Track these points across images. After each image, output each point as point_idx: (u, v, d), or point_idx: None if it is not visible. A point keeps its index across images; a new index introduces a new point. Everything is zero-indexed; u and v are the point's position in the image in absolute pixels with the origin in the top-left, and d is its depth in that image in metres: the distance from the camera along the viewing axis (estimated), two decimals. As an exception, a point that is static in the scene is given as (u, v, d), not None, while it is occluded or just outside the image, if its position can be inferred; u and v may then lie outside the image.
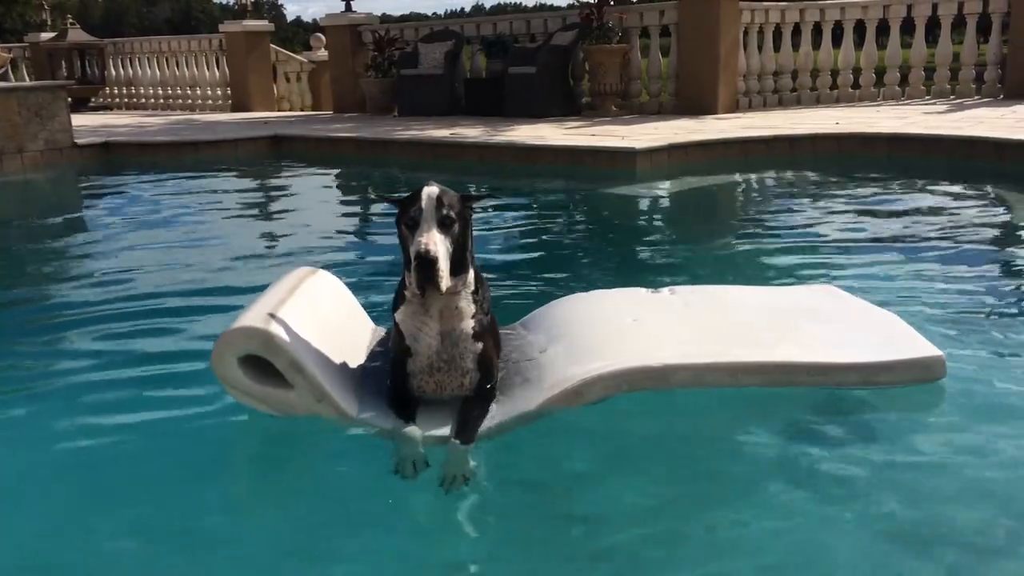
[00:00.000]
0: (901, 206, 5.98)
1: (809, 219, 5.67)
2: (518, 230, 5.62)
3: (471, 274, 2.45)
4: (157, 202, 7.21)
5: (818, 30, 11.03)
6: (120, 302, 4.08)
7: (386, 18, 16.80)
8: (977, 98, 10.50)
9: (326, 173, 9.06)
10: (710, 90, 10.15)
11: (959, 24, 10.75)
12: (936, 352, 2.60)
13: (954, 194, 6.32)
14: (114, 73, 16.75)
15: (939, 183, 6.64)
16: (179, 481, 2.36)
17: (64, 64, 16.02)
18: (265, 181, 8.83)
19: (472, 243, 2.46)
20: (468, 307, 2.44)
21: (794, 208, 6.21)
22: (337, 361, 2.56)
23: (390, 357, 2.58)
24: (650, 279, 4.31)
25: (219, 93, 15.34)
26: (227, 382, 2.42)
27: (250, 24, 14.49)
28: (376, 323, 3.06)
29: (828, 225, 5.41)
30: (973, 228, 5.19)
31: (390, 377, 2.54)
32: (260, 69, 14.72)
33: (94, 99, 16.69)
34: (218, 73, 15.32)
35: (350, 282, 3.17)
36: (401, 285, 2.49)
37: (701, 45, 10.10)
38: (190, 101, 15.72)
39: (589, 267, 4.80)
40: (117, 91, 16.89)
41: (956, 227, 5.18)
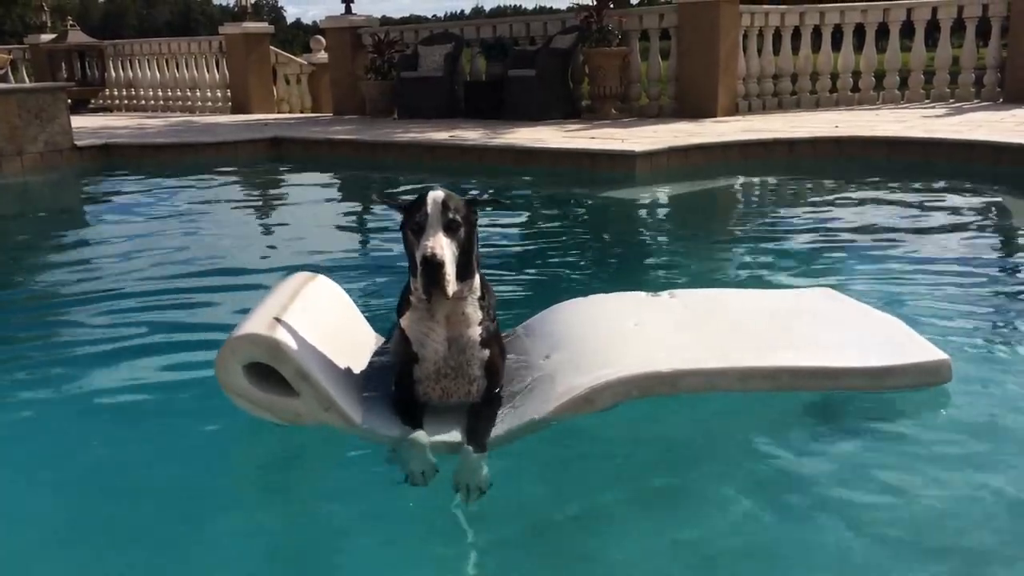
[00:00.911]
0: (900, 210, 5.98)
1: (808, 222, 5.67)
2: (517, 233, 5.62)
3: (477, 280, 2.43)
4: (157, 204, 7.21)
5: (817, 33, 11.04)
6: (119, 305, 4.08)
7: (386, 20, 16.82)
8: (976, 102, 10.51)
9: (325, 175, 9.06)
10: (709, 93, 10.16)
11: (958, 28, 10.76)
12: (942, 356, 2.61)
13: (953, 198, 6.32)
14: (114, 75, 16.74)
15: (938, 187, 6.65)
16: (179, 488, 2.34)
17: (64, 66, 16.02)
18: (265, 183, 8.82)
19: (477, 248, 2.44)
20: (475, 313, 2.42)
21: (793, 211, 6.21)
22: (341, 368, 2.53)
23: (394, 364, 2.54)
24: (649, 282, 4.32)
25: (219, 95, 15.34)
26: (231, 390, 2.38)
27: (250, 26, 14.49)
28: (375, 329, 3.04)
29: (827, 228, 5.41)
30: (973, 232, 5.20)
31: (395, 384, 2.50)
32: (260, 71, 14.72)
33: (94, 101, 16.69)
34: (218, 75, 15.32)
35: (349, 286, 3.17)
36: (406, 291, 2.47)
37: (701, 48, 10.11)
38: (190, 103, 15.72)
39: (588, 270, 4.80)
40: (117, 93, 16.88)
41: (956, 231, 5.19)
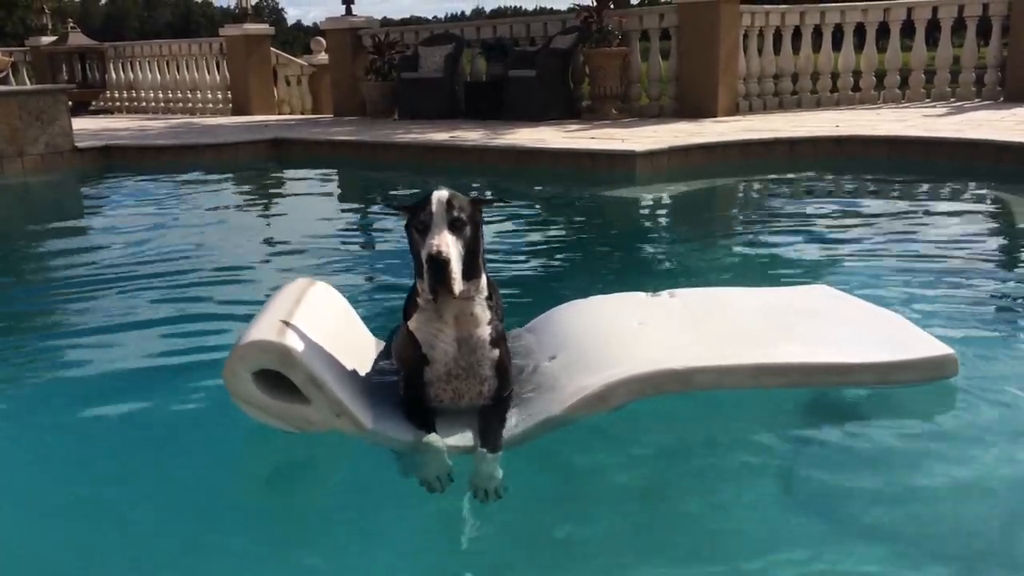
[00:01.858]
0: (901, 208, 5.98)
1: (809, 221, 5.67)
2: (517, 233, 5.61)
3: (483, 279, 2.41)
4: (157, 206, 7.21)
5: (818, 33, 11.03)
6: (120, 307, 4.08)
7: (386, 22, 16.83)
8: (977, 101, 10.50)
9: (326, 176, 9.06)
10: (710, 93, 10.15)
11: (959, 27, 10.75)
12: (948, 350, 2.63)
13: (954, 197, 6.32)
14: (115, 77, 16.75)
15: (939, 186, 6.65)
16: (183, 497, 2.32)
17: (65, 68, 16.03)
18: (265, 184, 8.83)
19: (483, 248, 2.41)
20: (484, 313, 2.40)
21: (794, 211, 6.21)
22: (349, 374, 2.50)
23: (401, 368, 2.51)
24: (650, 281, 4.31)
25: (219, 96, 15.35)
26: (241, 398, 2.33)
27: (250, 28, 14.50)
28: (375, 334, 3.02)
29: (828, 227, 5.41)
30: (973, 230, 5.19)
31: (404, 388, 2.46)
32: (260, 73, 14.72)
33: (95, 103, 16.70)
34: (218, 77, 15.33)
35: (350, 289, 3.17)
36: (413, 293, 2.45)
37: (701, 48, 10.10)
38: (190, 104, 15.73)
39: (589, 270, 4.79)
40: (118, 95, 16.89)
41: (957, 229, 5.18)
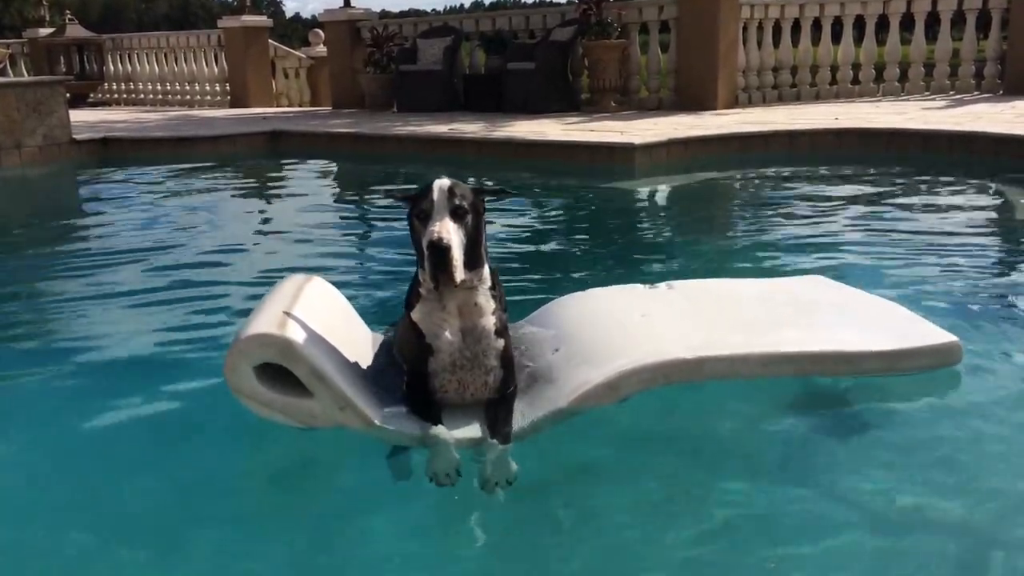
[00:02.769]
0: (900, 201, 5.97)
1: (807, 214, 5.66)
2: (516, 225, 5.60)
3: (486, 269, 2.39)
4: (155, 198, 7.19)
5: (817, 26, 11.01)
6: (116, 299, 4.06)
7: (385, 14, 16.76)
8: (976, 94, 10.49)
9: (325, 169, 9.04)
10: (709, 86, 10.14)
11: (959, 20, 10.73)
12: (953, 338, 2.66)
13: (953, 189, 6.31)
14: (112, 69, 16.72)
15: (938, 178, 6.64)
16: (182, 493, 2.31)
17: (62, 60, 15.99)
18: (263, 177, 8.81)
19: (485, 238, 2.39)
20: (488, 303, 2.39)
21: (792, 203, 6.20)
22: (352, 367, 2.47)
23: (404, 360, 2.48)
24: (649, 273, 4.31)
25: (217, 89, 15.32)
26: (242, 393, 2.29)
27: (248, 20, 14.47)
28: (372, 328, 2.99)
29: (827, 220, 5.40)
30: (972, 222, 5.19)
31: (407, 381, 2.43)
32: (258, 65, 14.69)
33: (92, 95, 16.67)
34: (216, 69, 15.30)
35: (348, 282, 3.15)
36: (415, 283, 2.42)
37: (700, 41, 10.08)
38: (188, 97, 15.70)
39: (588, 262, 4.79)
40: (115, 87, 16.86)
41: (955, 222, 5.18)
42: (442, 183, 2.25)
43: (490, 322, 2.38)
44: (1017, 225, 5.32)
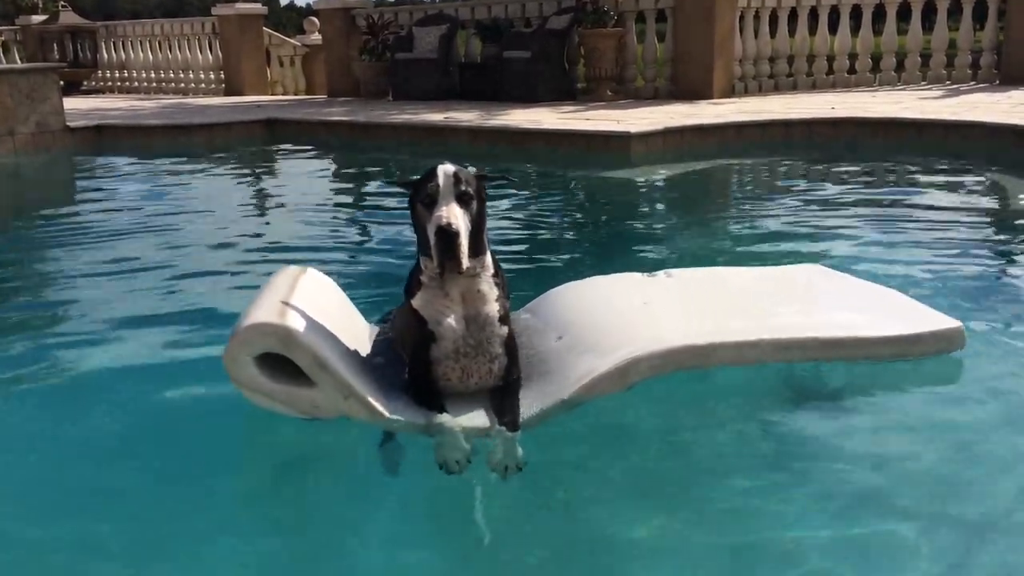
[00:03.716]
0: (895, 190, 5.98)
1: (804, 203, 5.66)
2: (512, 214, 5.59)
3: (488, 256, 2.37)
4: (149, 186, 7.18)
5: (814, 15, 10.98)
6: (110, 288, 4.05)
7: (380, 2, 16.69)
8: (973, 84, 10.48)
9: (319, 157, 9.01)
10: (706, 75, 10.12)
11: (955, 10, 10.72)
12: (957, 323, 2.69)
13: (949, 179, 6.32)
14: (106, 56, 16.64)
15: (934, 168, 6.64)
16: (182, 486, 2.28)
17: (56, 47, 15.92)
18: (258, 165, 8.78)
19: (486, 225, 2.37)
20: (491, 290, 2.36)
21: (789, 192, 6.20)
22: (353, 357, 2.43)
23: (408, 348, 2.43)
24: (645, 262, 4.31)
25: (212, 77, 15.25)
26: (242, 384, 2.25)
27: (243, 7, 14.39)
28: (367, 318, 2.96)
29: (823, 209, 5.40)
30: (968, 212, 5.20)
31: (409, 370, 2.39)
32: (253, 53, 14.63)
33: (86, 82, 16.60)
34: (211, 57, 15.23)
35: (343, 272, 3.13)
36: (416, 271, 2.40)
37: (697, 30, 10.05)
38: (183, 85, 15.63)
39: (584, 251, 4.78)
40: (109, 74, 16.78)
41: (950, 210, 5.18)
42: (446, 168, 2.23)
43: (493, 309, 2.36)
44: (1012, 214, 5.33)
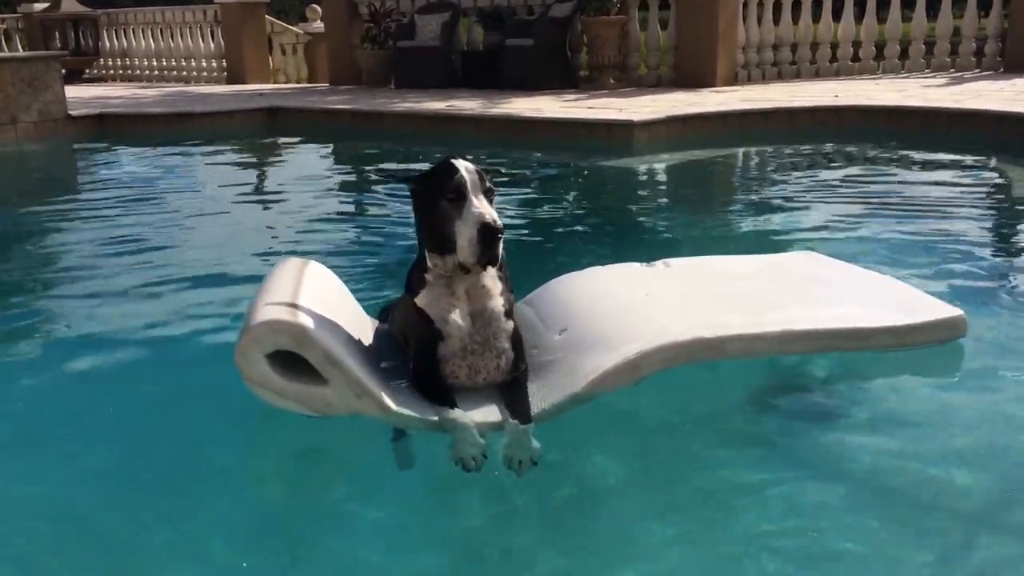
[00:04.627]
0: (899, 178, 5.96)
1: (806, 191, 5.65)
2: (514, 203, 5.59)
3: None
4: (151, 174, 7.18)
5: (818, 3, 10.92)
6: (113, 276, 4.05)
7: (382, -11, 16.60)
8: (977, 71, 10.43)
9: (321, 145, 9.00)
10: (709, 63, 10.08)
11: (960, -3, 10.66)
12: (958, 311, 2.68)
13: (953, 166, 6.30)
14: (108, 44, 16.59)
15: (938, 155, 6.63)
16: (186, 475, 2.29)
17: (58, 35, 15.88)
18: (260, 153, 8.78)
19: None
20: (495, 284, 2.34)
21: (792, 180, 6.19)
22: (363, 353, 2.39)
23: (413, 347, 2.38)
24: (648, 251, 4.28)
25: (214, 65, 15.21)
26: (254, 381, 2.21)
27: (245, -5, 14.34)
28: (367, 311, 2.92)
29: (825, 197, 5.40)
30: (972, 199, 5.19)
31: (416, 369, 2.34)
32: (255, 41, 14.58)
33: (88, 70, 16.55)
34: (213, 45, 15.19)
35: (343, 263, 3.10)
36: (419, 268, 2.35)
37: (700, 17, 10.01)
38: (185, 73, 15.59)
39: (586, 240, 4.78)
40: (111, 63, 16.74)
41: (955, 198, 5.17)
42: (467, 164, 2.21)
43: (499, 304, 2.34)
44: (1015, 201, 5.31)
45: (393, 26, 11.92)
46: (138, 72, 16.34)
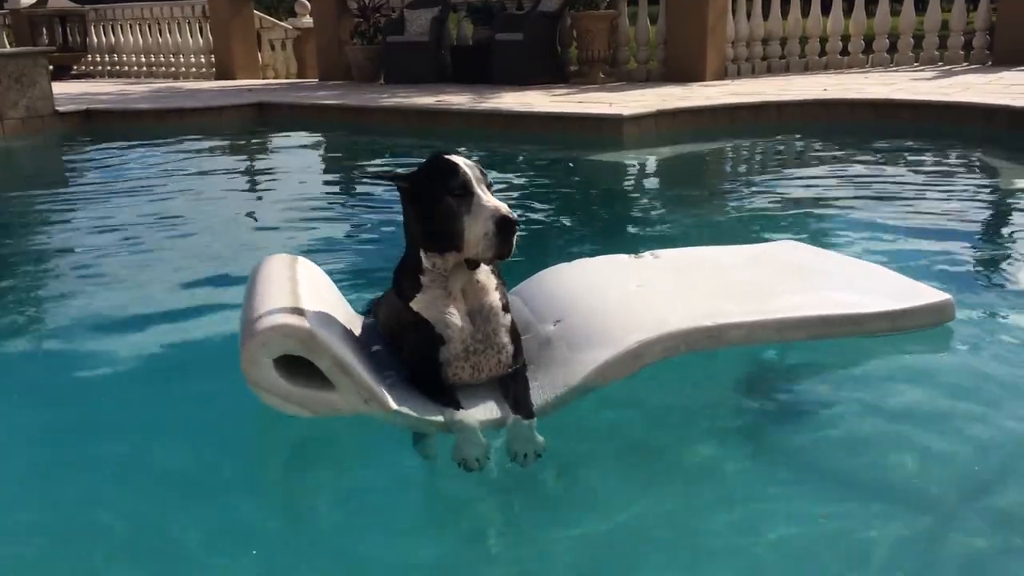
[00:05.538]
0: (887, 171, 5.98)
1: (796, 184, 5.66)
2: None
3: None
4: (139, 171, 7.14)
5: (807, -4, 10.95)
6: (102, 273, 4.03)
7: (372, -16, 16.56)
8: (965, 65, 10.45)
9: (311, 140, 8.98)
10: (698, 57, 10.08)
11: (948, -10, 10.69)
12: (947, 296, 2.73)
13: (941, 159, 6.33)
14: (96, 40, 16.52)
15: (926, 148, 6.64)
16: (188, 475, 2.26)
17: (45, 31, 15.80)
18: (249, 149, 8.74)
19: None
20: (489, 279, 2.32)
21: (781, 174, 6.20)
22: (367, 355, 2.35)
23: (411, 352, 2.32)
24: (638, 244, 4.31)
25: (203, 61, 15.16)
26: (260, 386, 2.17)
27: (233, -10, 14.28)
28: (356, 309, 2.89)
29: (815, 190, 5.40)
30: (959, 191, 5.20)
31: (418, 372, 2.29)
32: (244, 36, 14.53)
33: (76, 67, 16.47)
34: (201, 40, 15.13)
35: (331, 259, 3.08)
36: (411, 268, 2.30)
37: (689, 11, 10.01)
38: (173, 69, 15.54)
39: (575, 234, 4.78)
40: (99, 59, 16.67)
41: (942, 191, 5.19)
42: (465, 160, 2.19)
43: (495, 299, 2.32)
44: (1002, 194, 5.33)
45: (382, 21, 11.91)
46: (126, 68, 16.28)
